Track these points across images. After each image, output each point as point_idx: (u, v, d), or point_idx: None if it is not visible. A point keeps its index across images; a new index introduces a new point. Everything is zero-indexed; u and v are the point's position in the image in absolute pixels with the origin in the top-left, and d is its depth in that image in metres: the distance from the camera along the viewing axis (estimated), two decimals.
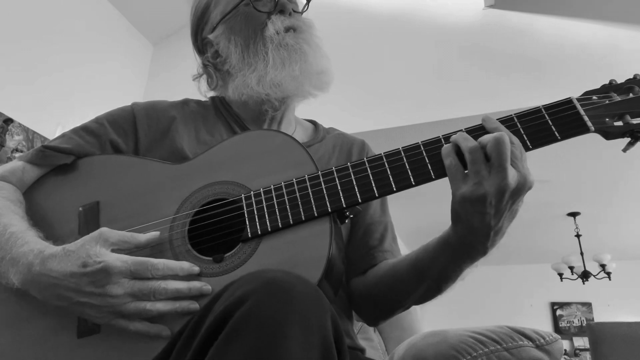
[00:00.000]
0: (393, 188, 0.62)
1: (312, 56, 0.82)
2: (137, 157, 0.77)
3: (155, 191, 0.71)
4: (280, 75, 0.80)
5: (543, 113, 0.63)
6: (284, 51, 0.81)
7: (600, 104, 0.62)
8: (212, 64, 0.90)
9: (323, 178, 0.64)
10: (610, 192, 3.85)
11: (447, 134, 0.63)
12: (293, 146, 0.69)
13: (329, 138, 0.92)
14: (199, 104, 0.92)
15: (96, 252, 0.57)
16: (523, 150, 0.59)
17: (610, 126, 0.61)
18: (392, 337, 1.31)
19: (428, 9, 3.00)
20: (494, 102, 2.60)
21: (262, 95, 0.81)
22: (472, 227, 0.60)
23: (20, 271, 0.59)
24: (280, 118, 0.89)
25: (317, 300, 0.46)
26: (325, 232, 0.61)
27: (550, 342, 0.85)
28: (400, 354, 0.88)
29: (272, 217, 0.63)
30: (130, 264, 0.57)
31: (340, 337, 0.47)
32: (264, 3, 0.84)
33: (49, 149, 0.75)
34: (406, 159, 0.63)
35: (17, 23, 2.48)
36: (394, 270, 0.76)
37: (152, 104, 0.87)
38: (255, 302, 0.43)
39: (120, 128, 0.82)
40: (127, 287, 0.57)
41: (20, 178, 0.75)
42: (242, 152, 0.71)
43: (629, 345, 2.16)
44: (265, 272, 0.48)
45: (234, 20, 0.85)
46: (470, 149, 0.57)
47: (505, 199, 0.56)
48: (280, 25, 0.82)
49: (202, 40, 0.91)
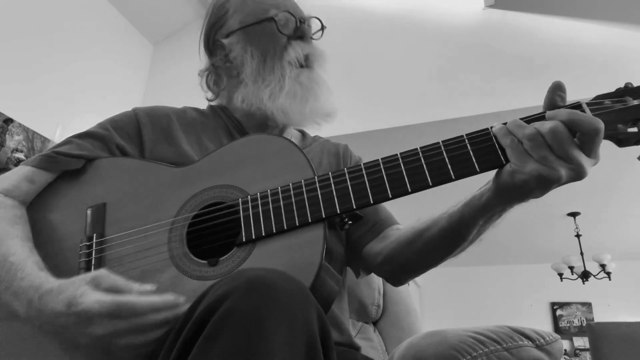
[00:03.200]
0: (389, 195, 0.61)
1: (322, 99, 0.86)
2: (143, 160, 0.78)
3: (158, 194, 0.72)
4: (290, 106, 0.83)
5: None
6: (299, 87, 0.84)
7: (612, 108, 0.58)
8: (223, 67, 0.91)
9: (319, 184, 0.64)
10: (610, 192, 3.85)
11: (447, 140, 0.61)
12: (292, 151, 0.69)
13: (316, 145, 0.95)
14: (197, 112, 0.93)
15: (82, 292, 0.56)
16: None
17: (623, 132, 0.57)
18: (392, 337, 1.31)
19: (428, 9, 3.00)
20: (494, 102, 2.60)
21: (269, 111, 0.83)
22: (527, 197, 0.58)
23: (23, 305, 0.59)
24: (280, 131, 0.92)
25: (301, 295, 0.46)
26: (318, 238, 0.61)
27: (550, 342, 0.85)
28: (400, 353, 0.88)
29: (267, 222, 0.63)
30: (107, 305, 0.54)
31: (327, 333, 0.47)
32: (286, 26, 0.86)
33: (60, 155, 0.75)
34: (403, 166, 0.62)
35: (17, 23, 2.48)
36: (421, 237, 0.73)
37: (153, 109, 0.88)
38: (236, 299, 0.43)
39: (124, 133, 0.82)
40: (109, 328, 0.54)
41: (25, 190, 0.74)
42: (242, 156, 0.71)
43: (629, 345, 2.16)
44: (248, 271, 0.48)
45: (253, 33, 0.87)
46: (529, 136, 0.55)
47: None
48: (300, 53, 0.86)
49: (214, 42, 0.92)
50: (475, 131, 0.61)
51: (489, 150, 0.59)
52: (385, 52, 3.00)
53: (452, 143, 0.61)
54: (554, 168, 0.54)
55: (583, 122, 0.53)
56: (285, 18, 0.86)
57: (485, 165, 0.58)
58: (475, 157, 0.59)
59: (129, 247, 0.68)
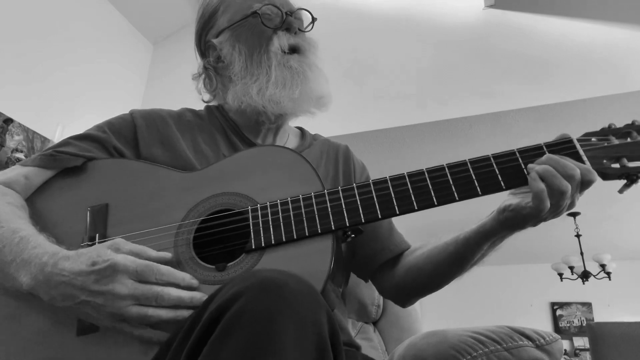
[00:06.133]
0: (396, 211, 0.64)
1: (313, 81, 0.85)
2: (147, 163, 0.78)
3: (164, 197, 0.72)
4: (280, 94, 0.82)
5: (544, 150, 0.65)
6: (287, 72, 0.83)
7: (598, 145, 0.65)
8: (214, 67, 0.91)
9: (329, 197, 0.66)
10: (611, 192, 3.83)
11: (451, 163, 0.66)
12: (301, 163, 0.71)
13: (315, 144, 0.95)
14: (194, 114, 0.93)
15: (106, 253, 0.58)
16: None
17: (607, 167, 0.64)
18: (392, 337, 1.31)
19: (428, 9, 3.00)
20: (494, 102, 2.60)
21: (260, 106, 0.83)
22: (525, 227, 0.67)
23: (31, 271, 0.59)
24: (276, 128, 0.92)
25: (311, 296, 0.47)
26: (327, 249, 0.63)
27: (550, 342, 0.85)
28: (400, 353, 0.88)
29: (276, 230, 0.65)
30: (137, 264, 0.58)
31: (336, 333, 0.48)
32: (272, 18, 0.87)
33: (60, 153, 0.76)
34: (410, 184, 0.65)
35: (17, 23, 2.48)
36: (431, 262, 0.79)
37: (150, 112, 0.87)
38: (247, 299, 0.44)
39: (121, 136, 0.82)
40: (132, 289, 0.57)
41: (23, 185, 0.74)
42: (251, 165, 0.73)
43: (629, 345, 2.16)
44: (259, 272, 0.49)
45: (240, 30, 0.87)
46: (562, 190, 0.62)
47: None
48: (285, 42, 0.85)
49: (206, 43, 0.93)
50: (480, 158, 0.66)
51: (491, 176, 0.65)
52: (384, 52, 2.99)
53: (456, 166, 0.66)
54: (561, 212, 0.63)
55: (593, 180, 0.62)
56: (269, 11, 0.86)
57: (489, 190, 0.64)
58: (477, 180, 0.65)
59: None
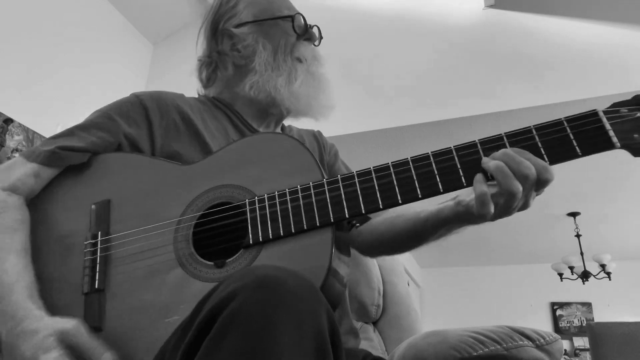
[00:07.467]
0: (398, 200, 0.60)
1: (328, 92, 0.93)
2: (148, 157, 0.77)
3: (164, 192, 0.71)
4: (304, 92, 0.89)
5: (565, 126, 0.58)
6: (310, 78, 0.91)
7: (629, 117, 0.57)
8: (229, 55, 0.93)
9: (327, 187, 0.63)
10: (611, 192, 3.85)
11: (459, 145, 0.61)
12: (301, 151, 0.69)
13: (294, 133, 1.01)
14: (195, 99, 0.93)
15: (46, 345, 0.55)
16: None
17: (639, 142, 0.56)
18: (392, 337, 1.31)
19: (428, 9, 3.00)
20: (494, 102, 2.60)
21: (279, 98, 0.88)
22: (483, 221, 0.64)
23: (4, 331, 0.59)
24: (277, 121, 0.96)
25: (311, 294, 0.46)
26: (326, 241, 0.61)
27: (550, 342, 0.85)
28: (400, 353, 0.88)
29: (274, 224, 0.63)
30: None
31: (336, 332, 0.47)
32: (298, 26, 0.93)
33: (64, 150, 0.74)
34: (414, 170, 0.61)
35: (17, 23, 2.48)
36: (392, 230, 0.81)
37: (157, 93, 0.86)
38: (244, 298, 0.43)
39: (132, 120, 0.79)
40: None
41: (32, 185, 0.73)
42: (249, 155, 0.71)
43: (629, 345, 2.16)
44: (257, 269, 0.48)
45: (268, 27, 0.92)
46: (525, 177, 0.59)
47: None
48: (309, 52, 0.93)
49: (223, 30, 0.94)
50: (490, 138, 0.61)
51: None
52: (384, 52, 2.99)
53: (464, 148, 0.61)
54: (512, 212, 0.59)
55: (549, 179, 0.58)
56: (298, 19, 0.93)
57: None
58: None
59: (135, 246, 0.68)
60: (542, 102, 2.52)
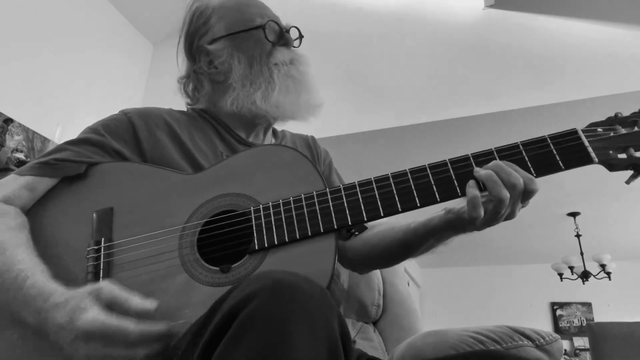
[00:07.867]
0: (398, 208, 0.64)
1: (313, 90, 0.92)
2: (150, 165, 0.78)
3: (168, 200, 0.72)
4: (284, 99, 0.87)
5: (548, 142, 0.64)
6: (290, 81, 0.89)
7: (604, 136, 0.64)
8: (207, 73, 0.92)
9: (331, 195, 0.67)
10: (611, 192, 3.85)
11: (453, 158, 0.66)
12: (303, 163, 0.71)
13: (287, 139, 1.01)
14: (182, 113, 0.93)
15: (83, 306, 0.57)
16: None
17: (614, 158, 0.63)
18: (392, 337, 1.31)
19: (428, 9, 3.00)
20: (494, 102, 2.60)
21: (262, 111, 0.87)
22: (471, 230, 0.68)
23: (32, 315, 0.60)
24: (265, 129, 0.96)
25: (323, 298, 0.47)
26: (330, 247, 0.63)
27: (550, 342, 0.85)
28: (400, 353, 0.89)
29: (279, 230, 0.65)
30: (100, 326, 0.55)
31: (347, 335, 0.48)
32: (272, 33, 0.91)
33: (60, 161, 0.74)
34: (412, 181, 0.65)
35: (17, 23, 2.48)
36: (383, 242, 0.84)
37: (144, 111, 0.87)
38: (261, 301, 0.44)
39: (120, 137, 0.81)
40: (98, 350, 0.55)
41: (26, 197, 0.73)
42: (253, 165, 0.73)
43: (629, 345, 2.16)
44: (272, 273, 0.49)
45: (241, 40, 0.90)
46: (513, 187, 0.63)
47: None
48: (286, 57, 0.91)
49: (198, 47, 0.93)
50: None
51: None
52: (384, 52, 2.99)
53: (458, 161, 0.66)
54: (499, 220, 0.64)
55: (535, 190, 0.63)
56: (270, 27, 0.92)
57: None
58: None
59: (139, 252, 0.68)
60: (542, 102, 2.52)
